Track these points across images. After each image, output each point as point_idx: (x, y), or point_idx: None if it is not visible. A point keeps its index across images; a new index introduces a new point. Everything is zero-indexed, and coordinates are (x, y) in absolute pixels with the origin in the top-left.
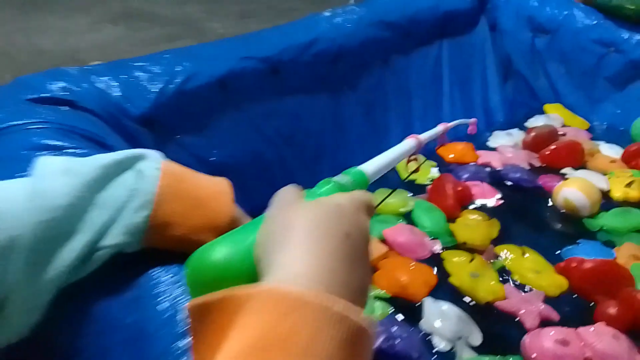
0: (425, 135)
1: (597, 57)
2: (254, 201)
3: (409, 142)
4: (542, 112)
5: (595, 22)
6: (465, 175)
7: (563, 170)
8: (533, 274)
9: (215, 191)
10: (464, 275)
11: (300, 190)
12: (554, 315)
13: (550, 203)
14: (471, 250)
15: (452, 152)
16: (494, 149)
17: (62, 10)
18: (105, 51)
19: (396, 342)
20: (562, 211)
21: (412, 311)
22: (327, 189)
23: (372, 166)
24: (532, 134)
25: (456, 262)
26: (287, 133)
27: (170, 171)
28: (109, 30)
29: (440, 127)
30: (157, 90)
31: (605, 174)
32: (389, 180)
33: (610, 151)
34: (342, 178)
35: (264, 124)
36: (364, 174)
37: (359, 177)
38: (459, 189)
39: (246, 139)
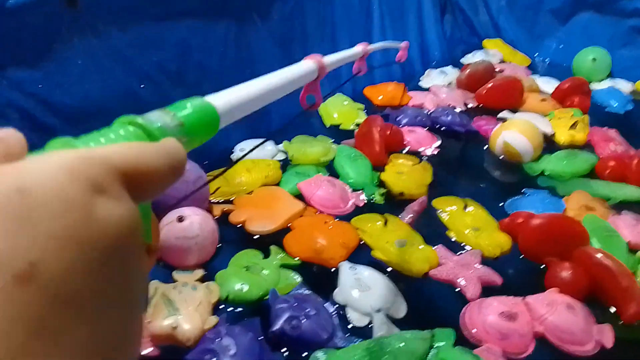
0: (331, 58)
1: None
2: None
3: (305, 65)
4: (481, 49)
5: None
6: (405, 120)
7: (501, 115)
8: (472, 231)
9: None
10: (388, 247)
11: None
12: (496, 279)
13: (486, 148)
14: (408, 200)
15: (381, 93)
16: (427, 89)
17: None
18: None
19: (302, 322)
20: (500, 157)
21: (326, 279)
22: (98, 135)
23: (232, 96)
24: (467, 71)
25: (371, 230)
26: (173, 68)
27: None
28: None
29: (358, 48)
30: None
31: (545, 116)
32: (313, 125)
33: (549, 86)
34: (158, 116)
35: (138, 56)
36: (211, 108)
37: (198, 115)
38: (388, 132)
39: (110, 76)
